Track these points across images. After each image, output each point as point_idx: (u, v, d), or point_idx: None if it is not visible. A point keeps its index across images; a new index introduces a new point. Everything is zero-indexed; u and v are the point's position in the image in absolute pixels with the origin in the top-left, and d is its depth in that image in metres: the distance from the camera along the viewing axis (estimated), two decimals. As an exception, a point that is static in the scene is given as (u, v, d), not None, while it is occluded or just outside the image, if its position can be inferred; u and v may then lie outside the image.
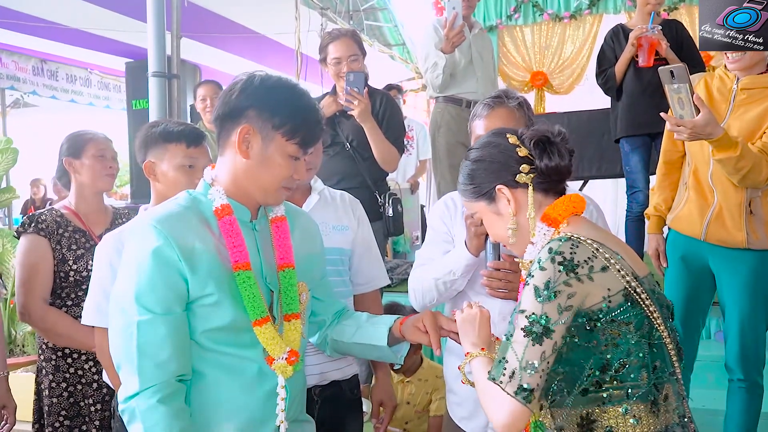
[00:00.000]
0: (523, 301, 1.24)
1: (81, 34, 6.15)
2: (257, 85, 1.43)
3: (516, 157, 1.37)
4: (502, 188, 1.38)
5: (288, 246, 1.53)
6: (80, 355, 2.39)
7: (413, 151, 5.99)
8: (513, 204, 1.38)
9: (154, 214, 1.41)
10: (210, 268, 1.38)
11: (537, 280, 1.23)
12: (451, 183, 3.66)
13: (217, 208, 1.44)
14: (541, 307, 1.21)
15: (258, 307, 1.41)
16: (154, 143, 1.96)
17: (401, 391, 2.92)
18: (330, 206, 2.07)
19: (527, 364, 1.20)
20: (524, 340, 1.21)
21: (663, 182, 2.70)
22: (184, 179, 1.91)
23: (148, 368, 1.32)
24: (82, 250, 2.40)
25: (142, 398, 1.32)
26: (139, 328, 1.33)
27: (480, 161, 1.42)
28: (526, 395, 1.19)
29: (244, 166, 1.44)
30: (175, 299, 1.36)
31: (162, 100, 3.40)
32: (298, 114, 1.42)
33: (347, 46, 3.00)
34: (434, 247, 1.97)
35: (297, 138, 1.41)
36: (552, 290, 1.21)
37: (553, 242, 1.27)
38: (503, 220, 1.40)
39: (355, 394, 2.11)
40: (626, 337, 1.23)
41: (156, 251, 1.35)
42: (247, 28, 6.38)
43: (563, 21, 6.27)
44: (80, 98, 8.31)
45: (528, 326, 1.21)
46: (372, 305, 2.16)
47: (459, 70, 3.80)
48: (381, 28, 7.64)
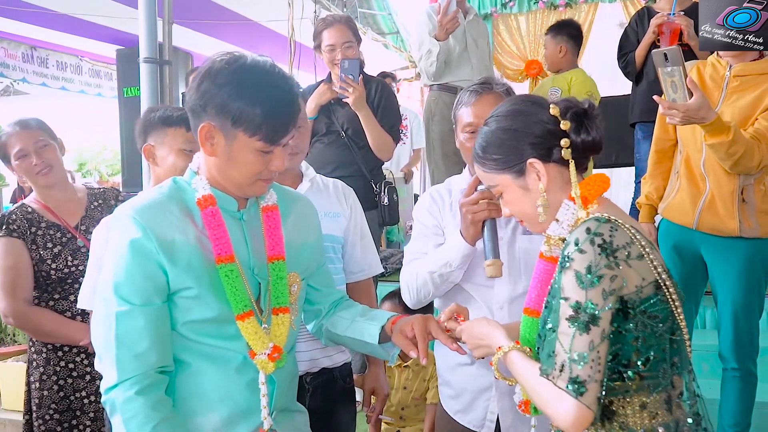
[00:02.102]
0: (564, 287, 1.18)
1: (71, 21, 6.07)
2: (214, 79, 1.33)
3: (554, 130, 1.29)
4: (534, 162, 1.30)
5: (279, 237, 1.49)
6: (71, 348, 2.36)
7: (407, 140, 5.96)
8: (545, 179, 1.30)
9: (135, 203, 1.38)
10: (189, 261, 1.36)
11: (578, 264, 1.16)
12: (444, 172, 3.64)
13: (199, 199, 1.40)
14: (585, 294, 1.14)
15: (241, 301, 1.38)
16: (154, 127, 1.95)
17: (398, 376, 2.91)
18: (322, 194, 2.05)
19: (577, 355, 1.14)
20: (570, 330, 1.15)
21: (654, 171, 2.69)
22: (183, 163, 1.88)
23: (126, 359, 1.31)
24: (59, 246, 2.33)
25: (120, 390, 1.31)
26: (117, 319, 1.32)
27: (511, 131, 1.32)
28: (578, 387, 1.13)
29: (214, 162, 1.40)
30: (154, 291, 1.34)
31: (153, 87, 3.35)
32: (257, 108, 1.31)
33: (342, 33, 2.96)
34: (425, 240, 1.94)
35: (259, 134, 1.33)
36: (595, 274, 1.14)
37: (590, 222, 1.20)
38: (530, 196, 1.33)
39: (347, 383, 2.10)
40: (653, 330, 1.18)
41: (133, 243, 1.33)
42: (240, 15, 6.31)
43: (558, 9, 6.25)
44: (71, 86, 8.22)
45: (573, 315, 1.15)
46: (365, 294, 2.15)
47: (453, 58, 3.76)
48: (375, 16, 7.59)
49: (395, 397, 2.86)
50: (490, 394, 1.87)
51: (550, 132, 1.29)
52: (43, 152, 2.31)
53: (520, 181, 1.33)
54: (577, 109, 1.29)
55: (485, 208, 1.70)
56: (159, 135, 1.94)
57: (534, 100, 1.35)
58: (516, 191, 1.35)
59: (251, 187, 1.42)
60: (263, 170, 1.39)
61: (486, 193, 1.71)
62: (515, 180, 1.33)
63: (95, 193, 2.49)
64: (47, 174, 2.32)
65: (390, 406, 2.84)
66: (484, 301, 1.86)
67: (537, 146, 1.30)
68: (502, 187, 1.37)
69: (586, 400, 1.13)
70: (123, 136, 5.55)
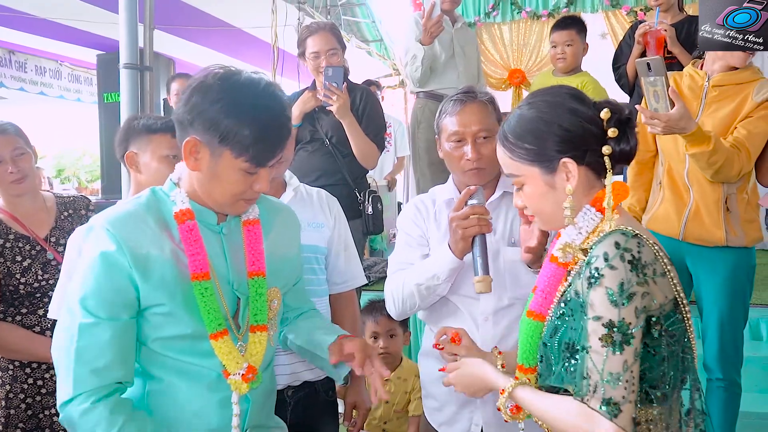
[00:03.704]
0: (594, 304, 1.14)
1: (50, 25, 5.99)
2: (205, 94, 1.29)
3: (597, 133, 1.24)
4: (568, 162, 1.24)
5: (260, 251, 1.46)
6: (40, 365, 2.25)
7: (391, 148, 5.95)
8: (574, 181, 1.24)
9: (111, 214, 1.34)
10: (163, 276, 1.32)
11: (609, 281, 1.12)
12: (430, 180, 3.62)
13: (177, 212, 1.36)
14: (618, 312, 1.11)
15: (216, 320, 1.34)
16: (137, 134, 1.91)
17: (379, 390, 2.88)
18: (305, 203, 2.03)
19: (610, 376, 1.11)
20: (603, 350, 1.12)
21: (636, 182, 2.70)
22: (167, 169, 1.84)
23: (83, 374, 1.26)
24: (29, 259, 2.22)
25: (75, 403, 1.26)
26: (80, 332, 1.27)
27: (552, 125, 1.25)
28: (612, 409, 1.10)
29: (196, 177, 1.37)
30: (123, 306, 1.30)
31: (134, 93, 3.30)
32: (246, 129, 1.27)
33: (326, 40, 2.94)
34: (410, 250, 1.92)
35: (246, 155, 1.29)
36: (627, 292, 1.11)
37: (617, 236, 1.16)
38: (553, 195, 1.27)
39: (330, 396, 2.07)
40: (669, 348, 1.16)
41: (105, 255, 1.29)
42: (223, 21, 6.27)
43: (541, 19, 6.28)
44: (50, 90, 8.09)
45: (606, 334, 1.12)
46: (348, 305, 2.13)
47: (440, 64, 3.75)
48: (358, 23, 7.58)
49: (377, 411, 2.83)
50: (474, 406, 1.86)
51: (593, 135, 1.24)
52: (19, 160, 2.22)
53: (548, 177, 1.27)
54: (622, 117, 1.24)
55: (476, 223, 1.68)
56: (142, 142, 1.91)
57: (579, 96, 1.29)
58: (540, 187, 1.28)
59: (232, 206, 1.39)
60: (246, 190, 1.36)
61: (477, 208, 1.69)
62: (543, 175, 1.27)
63: (65, 202, 2.39)
64: (21, 183, 2.22)
65: (372, 419, 2.81)
66: (470, 312, 1.85)
67: (575, 146, 1.24)
68: (526, 179, 1.30)
69: (621, 421, 1.10)
70: (103, 142, 5.49)
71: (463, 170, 1.85)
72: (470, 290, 1.82)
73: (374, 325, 2.82)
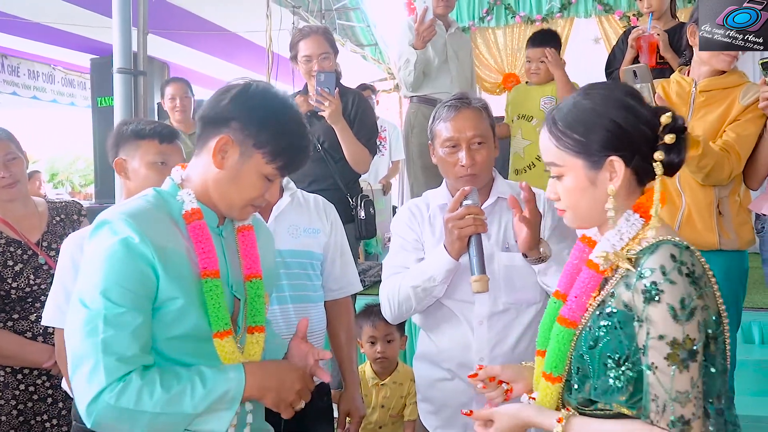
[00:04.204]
0: (654, 321, 1.10)
1: (44, 29, 5.97)
2: (249, 97, 1.36)
3: (651, 137, 1.20)
4: (616, 161, 1.20)
5: (255, 255, 1.49)
6: (32, 370, 2.23)
7: (386, 152, 5.96)
8: (617, 183, 1.20)
9: (123, 209, 1.32)
10: (180, 271, 1.31)
11: (670, 296, 1.09)
12: (424, 184, 3.62)
13: (187, 211, 1.37)
14: (682, 329, 1.09)
15: (222, 319, 1.35)
16: (126, 140, 1.91)
17: (375, 394, 2.87)
18: (302, 209, 2.03)
19: (678, 394, 1.09)
20: (669, 368, 1.09)
21: None
22: (155, 176, 1.85)
23: (111, 363, 1.21)
24: (21, 264, 2.22)
25: (108, 391, 1.20)
26: (105, 322, 1.22)
27: (608, 120, 1.20)
28: (683, 427, 1.08)
29: (215, 176, 1.38)
30: (145, 296, 1.27)
31: (127, 98, 3.29)
32: (284, 138, 1.36)
33: (318, 44, 2.95)
34: (405, 254, 1.92)
35: (278, 162, 1.36)
36: (689, 307, 1.09)
37: (669, 247, 1.13)
38: (593, 192, 1.23)
39: (324, 402, 2.07)
40: (711, 362, 1.14)
41: (127, 241, 1.26)
42: (217, 25, 6.27)
43: (535, 24, 6.29)
44: (43, 95, 8.07)
45: (671, 353, 1.09)
46: (344, 311, 2.13)
47: (433, 69, 3.75)
48: (353, 27, 7.59)
49: (373, 416, 2.82)
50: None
51: (645, 137, 1.20)
52: (11, 165, 2.22)
53: (592, 173, 1.22)
54: (678, 126, 1.20)
55: (471, 223, 1.68)
56: (131, 148, 1.91)
57: (637, 95, 1.24)
58: (581, 181, 1.23)
59: (241, 210, 1.42)
60: (259, 197, 1.40)
61: (472, 208, 1.70)
62: (587, 170, 1.22)
63: (57, 207, 2.39)
64: (12, 188, 2.22)
65: (368, 424, 2.80)
66: (465, 316, 1.85)
67: (625, 146, 1.20)
68: (567, 170, 1.25)
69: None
70: (96, 146, 5.47)
71: (456, 176, 1.86)
72: (465, 295, 1.82)
73: (372, 329, 2.81)
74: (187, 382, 1.25)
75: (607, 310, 1.20)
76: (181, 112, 4.15)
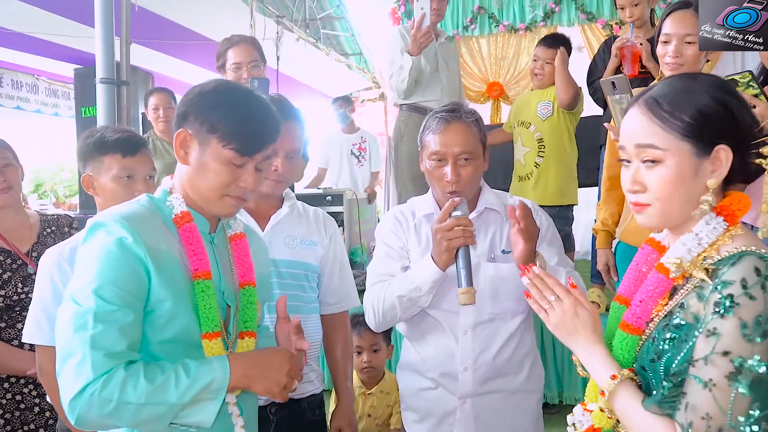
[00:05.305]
0: (723, 335, 1.01)
1: (27, 39, 5.93)
2: (206, 90, 1.38)
3: (756, 134, 1.12)
4: (724, 150, 1.10)
5: (249, 263, 1.49)
6: (18, 379, 2.23)
7: (365, 163, 6.01)
8: (719, 176, 1.11)
9: (116, 211, 1.32)
10: (173, 273, 1.32)
11: (745, 312, 1.00)
12: (413, 192, 3.63)
13: (177, 215, 1.38)
14: (752, 349, 0.99)
15: (212, 320, 1.35)
16: (90, 156, 1.88)
17: (362, 403, 2.87)
18: (300, 220, 2.02)
19: (738, 419, 0.99)
20: (730, 388, 0.99)
21: (608, 197, 2.71)
22: (122, 191, 1.83)
23: (99, 358, 1.20)
24: (9, 272, 2.23)
25: (93, 384, 1.19)
26: (95, 318, 1.21)
27: (722, 105, 1.11)
28: None
29: (186, 173, 1.40)
30: (137, 296, 1.27)
31: (110, 108, 3.28)
32: (235, 116, 1.34)
33: (247, 52, 2.96)
34: (390, 262, 1.92)
35: (233, 143, 1.34)
36: (763, 327, 0.99)
37: (754, 259, 1.04)
38: (691, 184, 1.11)
39: (317, 415, 2.04)
40: None
41: (121, 241, 1.26)
42: (201, 35, 6.25)
43: (519, 33, 6.35)
44: (27, 105, 8.00)
45: (734, 372, 0.99)
46: (340, 326, 2.11)
47: (424, 77, 3.78)
48: (338, 37, 7.60)
49: (360, 425, 2.82)
50: (454, 418, 1.86)
51: (751, 132, 1.12)
52: (6, 171, 2.25)
53: (697, 160, 1.11)
54: None
55: (461, 235, 1.68)
56: (95, 164, 1.88)
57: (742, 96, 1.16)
58: (684, 168, 1.11)
59: (219, 202, 1.39)
60: (231, 184, 1.37)
61: (462, 220, 1.70)
62: (691, 155, 1.11)
63: (48, 220, 2.40)
64: (5, 193, 2.24)
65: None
66: (450, 326, 1.85)
67: (734, 136, 1.10)
68: (670, 155, 1.11)
69: None
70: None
71: (442, 190, 1.86)
72: (450, 304, 1.82)
73: (358, 339, 2.81)
74: (171, 373, 1.25)
75: (674, 322, 1.10)
76: (164, 122, 4.14)
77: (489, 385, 1.86)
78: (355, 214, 5.10)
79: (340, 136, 6.03)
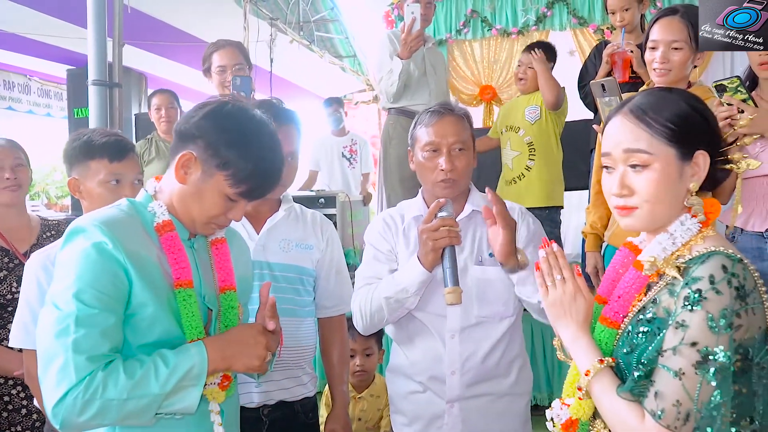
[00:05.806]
0: (691, 327, 1.08)
1: (19, 39, 5.91)
2: (220, 117, 1.36)
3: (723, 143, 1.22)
4: (703, 155, 1.18)
5: (229, 268, 1.50)
6: (6, 380, 2.24)
7: (357, 165, 6.03)
8: (698, 180, 1.18)
9: (96, 216, 1.33)
10: (153, 278, 1.32)
11: (712, 305, 1.07)
12: (401, 195, 3.64)
13: (158, 224, 1.38)
14: (717, 340, 1.06)
15: (196, 328, 1.36)
16: (76, 160, 1.87)
17: (353, 407, 2.87)
18: (298, 223, 2.02)
19: (705, 406, 1.06)
20: (697, 377, 1.06)
21: (597, 200, 2.73)
22: (109, 195, 1.82)
23: (81, 362, 1.20)
24: (5, 271, 2.25)
25: (77, 387, 1.19)
26: (77, 323, 1.21)
27: (698, 114, 1.20)
28: None
29: (178, 190, 1.40)
30: (117, 299, 1.27)
31: (103, 110, 3.28)
32: (249, 164, 1.35)
33: (232, 55, 2.96)
34: (378, 265, 1.92)
35: (241, 187, 1.36)
36: (728, 320, 1.06)
37: (722, 258, 1.11)
38: (675, 187, 1.19)
39: (310, 419, 2.03)
40: (760, 382, 1.09)
41: (100, 245, 1.27)
42: (195, 36, 6.25)
43: (511, 36, 6.36)
44: (19, 105, 7.98)
45: (701, 361, 1.06)
46: (337, 330, 2.11)
47: (413, 82, 3.80)
48: (332, 39, 7.61)
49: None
50: (443, 422, 1.87)
51: (721, 140, 1.22)
52: (18, 170, 2.29)
53: (678, 163, 1.18)
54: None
55: (446, 235, 1.69)
56: (82, 168, 1.88)
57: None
58: (670, 172, 1.18)
59: (204, 226, 1.42)
60: (221, 216, 1.40)
61: (447, 220, 1.71)
62: (676, 159, 1.18)
63: (49, 224, 2.42)
64: (15, 191, 2.28)
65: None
66: (437, 330, 1.86)
67: (710, 144, 1.19)
68: (656, 160, 1.18)
69: None
70: (72, 158, 5.41)
71: (435, 181, 1.86)
72: (437, 308, 1.83)
73: (351, 342, 2.79)
74: (150, 365, 1.26)
75: (647, 316, 1.18)
76: (166, 122, 4.19)
77: (477, 388, 1.86)
78: (348, 217, 5.10)
79: (331, 138, 6.05)
